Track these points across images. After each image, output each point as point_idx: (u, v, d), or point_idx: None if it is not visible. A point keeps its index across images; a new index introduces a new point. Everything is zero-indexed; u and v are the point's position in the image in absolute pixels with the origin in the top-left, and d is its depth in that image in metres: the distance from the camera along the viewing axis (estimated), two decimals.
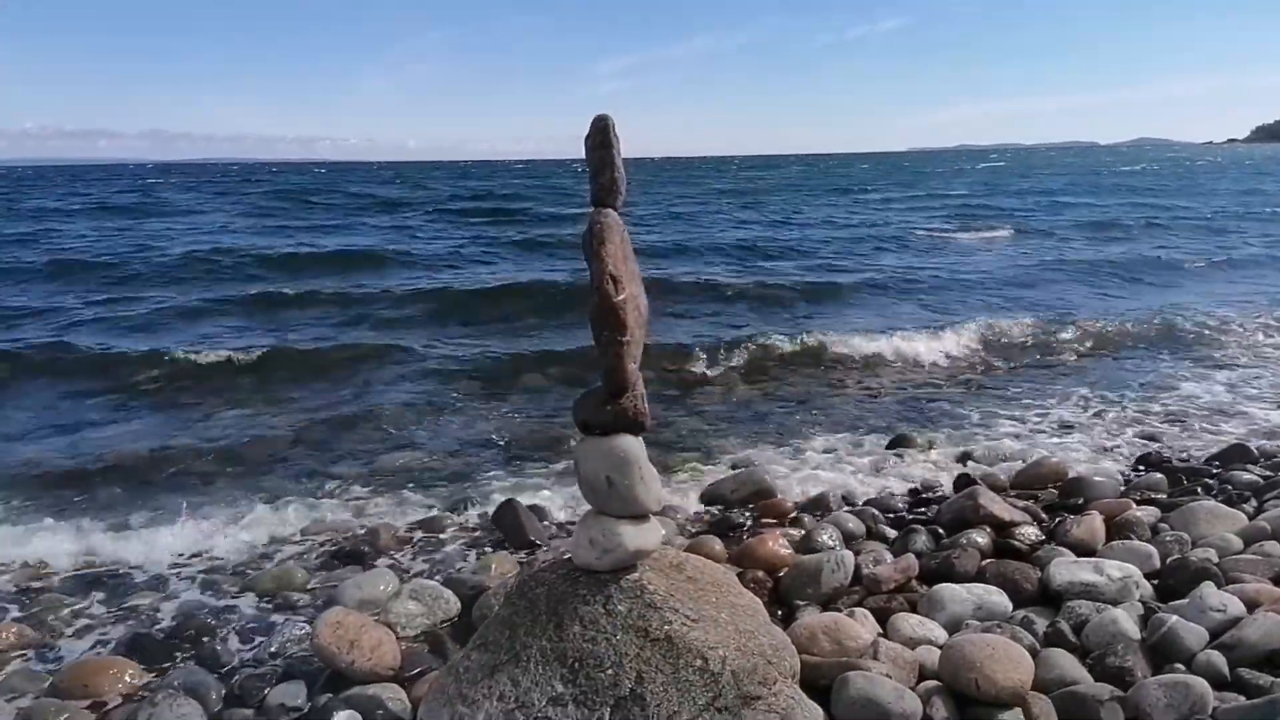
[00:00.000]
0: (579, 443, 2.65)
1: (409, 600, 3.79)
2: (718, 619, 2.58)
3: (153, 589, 4.29)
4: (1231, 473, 5.28)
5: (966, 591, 3.65)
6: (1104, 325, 10.50)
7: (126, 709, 3.17)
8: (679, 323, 11.15)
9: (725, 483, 5.42)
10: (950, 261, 17.13)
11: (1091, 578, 3.66)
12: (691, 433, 6.93)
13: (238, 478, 6.00)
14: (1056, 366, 9.09)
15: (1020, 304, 12.53)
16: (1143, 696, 2.82)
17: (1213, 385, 8.04)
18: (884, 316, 11.62)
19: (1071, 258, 16.96)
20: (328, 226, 24.44)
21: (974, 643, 3.01)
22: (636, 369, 2.54)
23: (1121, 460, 5.99)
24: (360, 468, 6.17)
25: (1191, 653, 3.08)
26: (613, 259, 2.42)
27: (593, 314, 2.44)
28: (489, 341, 10.28)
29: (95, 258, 17.15)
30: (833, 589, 3.81)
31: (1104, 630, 3.26)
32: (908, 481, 5.59)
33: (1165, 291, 13.65)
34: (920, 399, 7.92)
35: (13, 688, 3.31)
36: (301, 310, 12.21)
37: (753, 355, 9.25)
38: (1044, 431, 6.80)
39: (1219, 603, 3.30)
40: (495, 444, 6.69)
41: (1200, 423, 6.87)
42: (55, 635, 3.83)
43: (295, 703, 3.15)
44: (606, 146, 2.46)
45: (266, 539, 4.89)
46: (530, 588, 2.68)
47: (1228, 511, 4.45)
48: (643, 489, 2.58)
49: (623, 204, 2.51)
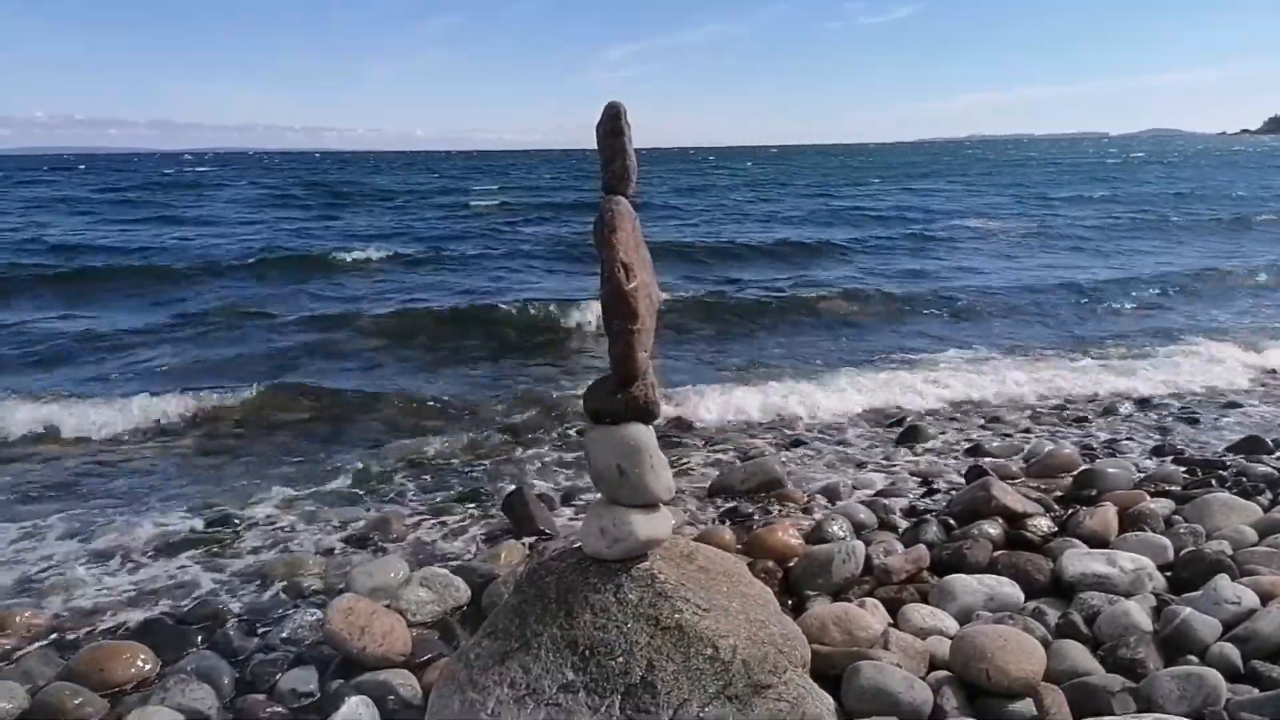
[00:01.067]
0: (589, 431, 2.65)
1: (419, 587, 3.80)
2: (728, 608, 2.57)
3: (166, 576, 4.31)
4: (1247, 465, 5.24)
5: (978, 582, 3.63)
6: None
7: (140, 693, 3.19)
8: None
9: (735, 473, 5.41)
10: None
11: (1104, 569, 3.63)
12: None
13: (248, 466, 6.03)
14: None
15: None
16: (1155, 688, 2.80)
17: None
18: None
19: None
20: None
21: (985, 633, 3.00)
22: (647, 357, 2.53)
23: (1136, 452, 5.95)
24: (371, 456, 6.19)
25: (1205, 645, 3.06)
26: (624, 247, 2.42)
27: (604, 301, 2.43)
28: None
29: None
30: (843, 579, 3.80)
31: (1116, 622, 3.24)
32: (918, 472, 5.57)
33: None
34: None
35: (28, 672, 3.34)
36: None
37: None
38: (1057, 423, 6.77)
39: (1233, 595, 3.28)
40: (506, 431, 6.70)
41: (1215, 414, 6.82)
42: (70, 621, 3.86)
43: (307, 688, 3.17)
44: (618, 134, 2.45)
45: (278, 526, 4.91)
46: (540, 576, 2.68)
47: (1243, 504, 4.42)
48: (653, 478, 2.57)
49: (634, 191, 2.50)
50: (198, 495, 5.44)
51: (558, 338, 10.25)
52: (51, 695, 3.13)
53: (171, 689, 3.09)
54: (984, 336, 10.16)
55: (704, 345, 9.87)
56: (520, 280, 14.17)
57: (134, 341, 9.80)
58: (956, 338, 10.12)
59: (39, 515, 5.09)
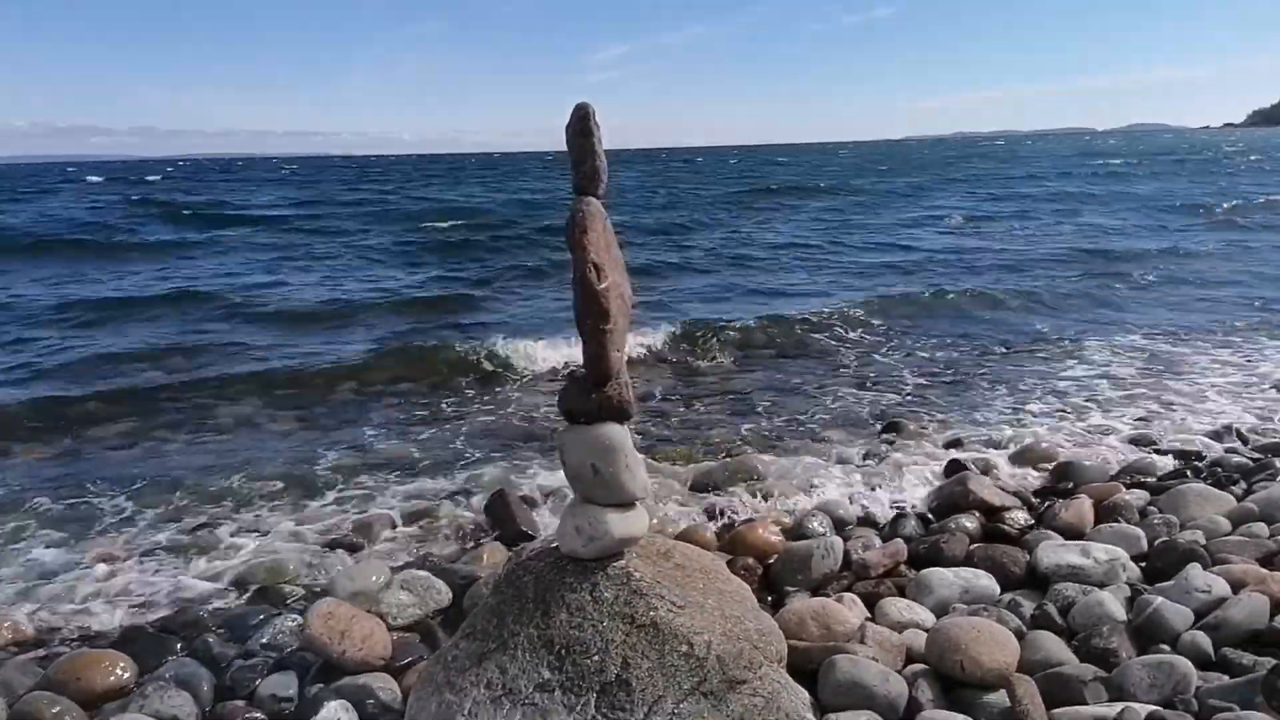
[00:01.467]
0: (564, 431, 2.66)
1: (400, 590, 3.80)
2: (704, 605, 2.59)
3: (144, 583, 4.29)
4: (1221, 455, 5.31)
5: (954, 575, 3.67)
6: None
7: (119, 701, 3.18)
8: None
9: (716, 470, 5.43)
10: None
11: (1079, 560, 3.68)
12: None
13: (229, 470, 6.00)
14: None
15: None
16: (1126, 677, 2.84)
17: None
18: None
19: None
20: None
21: (960, 625, 3.04)
22: (621, 357, 2.54)
23: (1113, 443, 6.00)
24: (352, 459, 6.17)
25: (1176, 633, 3.11)
26: (595, 247, 2.43)
27: (576, 303, 2.44)
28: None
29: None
30: (822, 575, 3.83)
31: (1090, 612, 3.29)
32: (899, 467, 5.60)
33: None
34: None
35: (6, 681, 3.32)
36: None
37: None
38: (1038, 415, 6.82)
39: (1204, 584, 3.33)
40: (488, 435, 6.70)
41: (1193, 405, 6.89)
42: (49, 629, 3.84)
43: (286, 693, 3.17)
44: (587, 134, 2.45)
45: (258, 531, 4.89)
46: (518, 576, 2.69)
47: (1217, 494, 4.48)
48: (628, 476, 2.58)
49: (604, 191, 2.51)
50: (177, 500, 5.41)
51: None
52: (30, 705, 3.12)
53: (150, 696, 3.09)
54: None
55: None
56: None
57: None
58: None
59: (15, 520, 5.06)
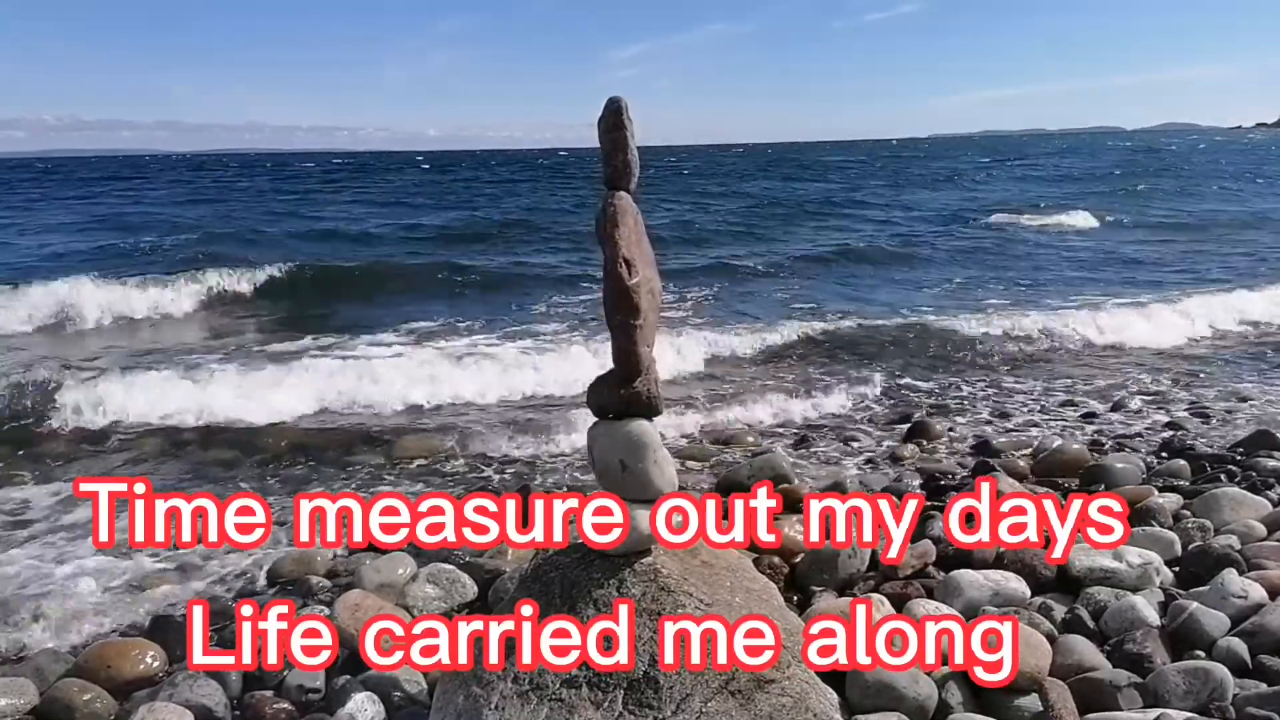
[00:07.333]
0: (592, 427, 2.65)
1: (426, 584, 3.81)
2: (731, 603, 2.57)
3: (174, 573, 4.34)
4: (1256, 459, 5.20)
5: (984, 577, 3.61)
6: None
7: (148, 690, 3.21)
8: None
9: (741, 468, 5.40)
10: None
11: (1111, 564, 3.62)
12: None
13: (258, 461, 6.05)
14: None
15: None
16: (1161, 683, 2.79)
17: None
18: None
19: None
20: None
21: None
22: (650, 352, 2.53)
23: (1144, 448, 5.91)
24: (377, 451, 6.20)
25: (1212, 639, 3.05)
26: (626, 242, 2.42)
27: (606, 298, 2.44)
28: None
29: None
30: (849, 574, 3.79)
31: (1123, 616, 3.23)
32: (925, 467, 5.55)
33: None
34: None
35: (39, 667, 3.36)
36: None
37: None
38: (1065, 419, 6.74)
39: (1240, 589, 3.26)
40: (511, 424, 6.71)
41: (1224, 409, 6.78)
42: (79, 618, 3.89)
43: (313, 684, 3.18)
44: (620, 129, 2.45)
45: (286, 524, 4.93)
46: (545, 571, 2.69)
47: (1252, 498, 4.39)
48: (656, 472, 2.58)
49: (636, 186, 2.50)
50: (205, 490, 5.47)
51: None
52: (61, 691, 3.16)
53: (180, 685, 3.11)
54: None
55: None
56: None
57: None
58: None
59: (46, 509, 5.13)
